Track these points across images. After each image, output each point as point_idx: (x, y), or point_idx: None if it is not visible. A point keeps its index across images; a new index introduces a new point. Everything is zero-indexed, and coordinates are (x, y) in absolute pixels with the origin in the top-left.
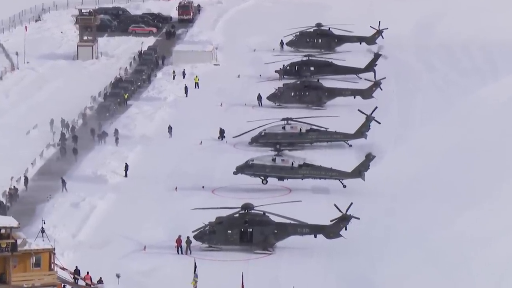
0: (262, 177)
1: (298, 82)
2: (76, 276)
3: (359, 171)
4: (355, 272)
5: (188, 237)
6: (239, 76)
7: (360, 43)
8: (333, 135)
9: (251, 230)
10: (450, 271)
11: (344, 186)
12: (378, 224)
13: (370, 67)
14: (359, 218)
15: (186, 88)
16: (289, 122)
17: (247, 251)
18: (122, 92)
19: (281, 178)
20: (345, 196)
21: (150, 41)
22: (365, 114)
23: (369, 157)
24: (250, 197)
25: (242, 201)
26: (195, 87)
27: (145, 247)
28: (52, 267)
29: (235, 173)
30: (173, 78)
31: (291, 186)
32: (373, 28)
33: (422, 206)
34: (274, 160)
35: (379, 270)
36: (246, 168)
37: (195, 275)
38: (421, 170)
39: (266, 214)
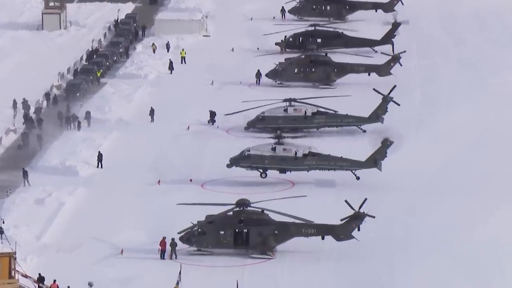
0: (261, 170)
1: (303, 57)
2: (40, 284)
3: (375, 160)
4: (370, 280)
5: (173, 239)
6: (233, 49)
7: (376, 11)
8: (344, 119)
9: (247, 230)
10: (482, 279)
11: (358, 178)
12: (397, 223)
13: (388, 38)
14: (374, 217)
15: (170, 63)
16: (292, 103)
17: (243, 255)
18: (95, 69)
19: (282, 171)
20: (358, 191)
21: (128, 8)
22: (382, 94)
23: (386, 143)
24: (246, 192)
25: (236, 197)
26: (181, 62)
27: (122, 250)
28: (13, 274)
29: (229, 166)
30: (153, 52)
31: (294, 179)
32: None
33: (448, 203)
34: (274, 149)
35: (398, 278)
36: (242, 160)
37: (178, 282)
38: (447, 160)
39: (265, 212)
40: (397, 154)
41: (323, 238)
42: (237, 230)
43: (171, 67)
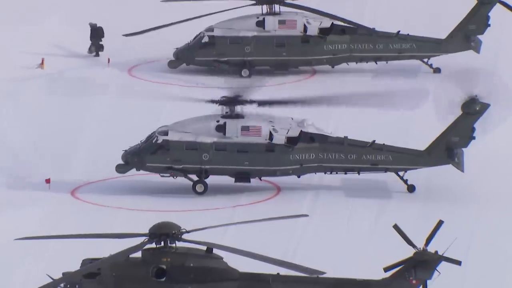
0: (194, 177)
1: None
2: None
3: (449, 146)
4: None
5: None
6: None
7: None
8: (391, 44)
9: None
10: None
11: (411, 189)
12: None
13: None
14: (460, 263)
15: None
16: (275, 8)
17: None
18: None
19: (242, 177)
20: (417, 203)
21: None
22: None
23: (473, 108)
24: (175, 208)
25: (152, 219)
26: None
27: None
28: None
29: (120, 169)
30: None
31: (279, 180)
32: None
33: None
34: (222, 128)
35: None
36: (150, 154)
37: None
38: None
39: (213, 251)
40: (495, 133)
41: None
42: None
43: None
